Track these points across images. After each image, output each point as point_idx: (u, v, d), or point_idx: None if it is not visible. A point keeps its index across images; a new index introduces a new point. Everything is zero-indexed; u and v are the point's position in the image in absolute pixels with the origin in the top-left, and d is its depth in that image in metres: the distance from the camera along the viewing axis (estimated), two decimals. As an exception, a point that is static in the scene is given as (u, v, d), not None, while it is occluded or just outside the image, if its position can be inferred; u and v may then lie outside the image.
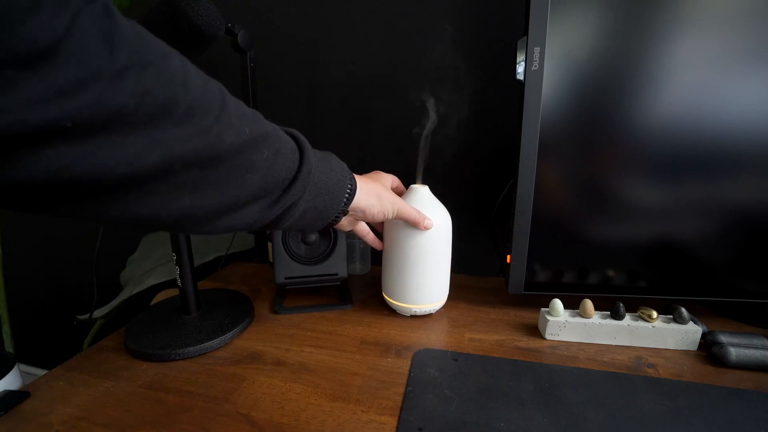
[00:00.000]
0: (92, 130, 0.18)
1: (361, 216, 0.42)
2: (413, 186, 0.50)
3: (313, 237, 0.56)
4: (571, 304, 0.47)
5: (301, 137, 0.33)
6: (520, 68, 0.44)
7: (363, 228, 0.51)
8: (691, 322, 0.44)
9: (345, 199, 0.37)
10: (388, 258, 0.51)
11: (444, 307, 0.55)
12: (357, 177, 0.40)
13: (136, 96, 0.19)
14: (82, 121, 0.17)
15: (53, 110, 0.16)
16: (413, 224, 0.46)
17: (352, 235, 0.64)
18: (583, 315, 0.45)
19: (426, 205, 0.48)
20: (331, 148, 0.39)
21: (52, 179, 0.18)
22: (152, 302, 0.72)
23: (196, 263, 0.52)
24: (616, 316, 0.44)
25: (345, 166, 0.38)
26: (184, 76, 0.22)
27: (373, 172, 0.48)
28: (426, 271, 0.49)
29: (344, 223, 0.43)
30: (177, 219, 0.25)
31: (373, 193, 0.41)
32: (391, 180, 0.50)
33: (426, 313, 0.52)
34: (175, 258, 0.47)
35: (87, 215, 0.22)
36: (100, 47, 0.17)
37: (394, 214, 0.44)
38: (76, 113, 0.17)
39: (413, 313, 0.52)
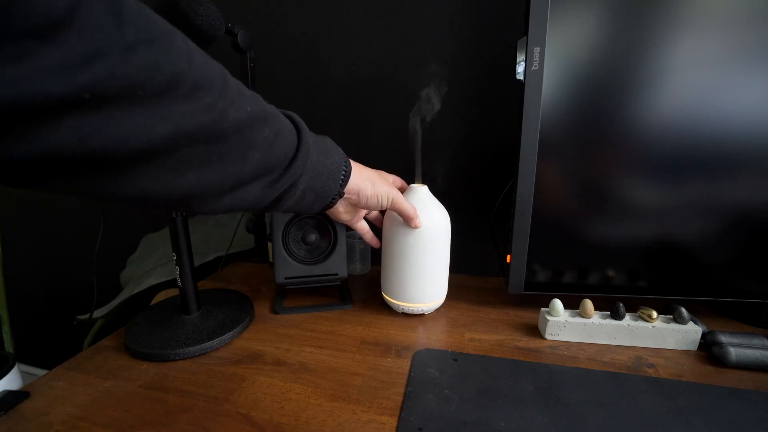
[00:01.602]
0: (106, 103, 0.18)
1: (355, 200, 0.42)
2: (412, 185, 0.50)
3: (313, 237, 0.56)
4: (571, 304, 0.47)
5: (298, 119, 0.34)
6: (520, 68, 0.44)
7: (363, 226, 0.51)
8: (691, 322, 0.44)
9: (341, 180, 0.38)
10: (387, 257, 0.52)
11: (444, 307, 0.55)
12: (354, 162, 0.41)
13: (146, 69, 0.19)
14: (98, 93, 0.18)
15: (71, 81, 0.17)
16: (406, 219, 0.46)
17: (352, 235, 0.64)
18: (583, 315, 0.45)
19: (425, 204, 0.48)
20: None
21: (67, 152, 0.18)
22: (152, 302, 0.72)
23: (196, 263, 0.52)
24: (616, 316, 0.44)
25: (340, 149, 0.39)
26: (189, 53, 0.22)
27: (378, 170, 0.48)
28: (425, 271, 0.49)
29: (340, 208, 0.44)
30: (183, 196, 0.25)
31: (367, 178, 0.42)
32: (393, 178, 0.51)
33: (424, 312, 0.52)
34: (175, 258, 0.47)
35: (96, 192, 0.22)
36: (109, 21, 0.18)
37: (389, 203, 0.44)
38: (92, 85, 0.17)
39: (411, 312, 0.52)
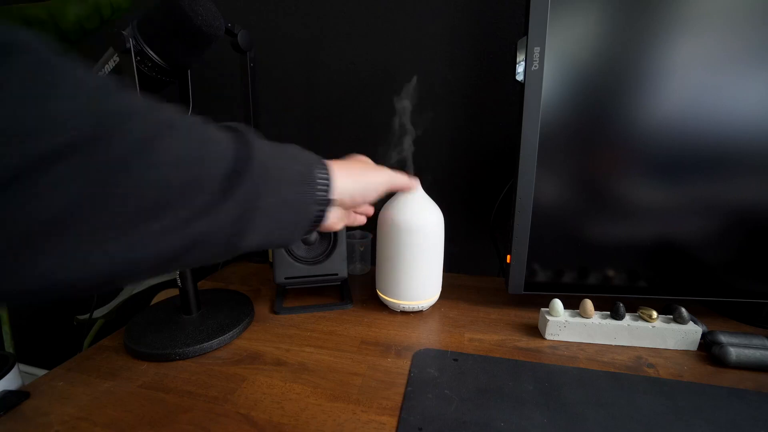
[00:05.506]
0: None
1: (350, 203, 0.35)
2: None
3: (313, 237, 0.56)
4: (571, 304, 0.47)
5: (243, 127, 0.26)
6: (520, 68, 0.44)
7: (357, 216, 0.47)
8: (691, 322, 0.44)
9: (323, 188, 0.30)
10: (382, 255, 0.52)
11: (444, 307, 0.55)
12: (332, 162, 0.33)
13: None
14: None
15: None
16: (405, 190, 0.45)
17: (352, 236, 0.64)
18: (583, 315, 0.45)
19: (418, 202, 0.49)
20: (331, 149, 0.38)
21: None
22: (152, 302, 0.72)
23: (196, 263, 0.52)
24: (616, 316, 0.44)
25: (311, 153, 0.31)
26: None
27: (348, 156, 0.41)
28: (418, 268, 0.49)
29: (334, 218, 0.35)
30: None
31: (356, 174, 0.35)
32: (363, 158, 0.42)
33: (418, 309, 0.52)
34: (175, 258, 0.47)
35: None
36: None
37: (387, 186, 0.38)
38: None
39: (410, 309, 0.52)
